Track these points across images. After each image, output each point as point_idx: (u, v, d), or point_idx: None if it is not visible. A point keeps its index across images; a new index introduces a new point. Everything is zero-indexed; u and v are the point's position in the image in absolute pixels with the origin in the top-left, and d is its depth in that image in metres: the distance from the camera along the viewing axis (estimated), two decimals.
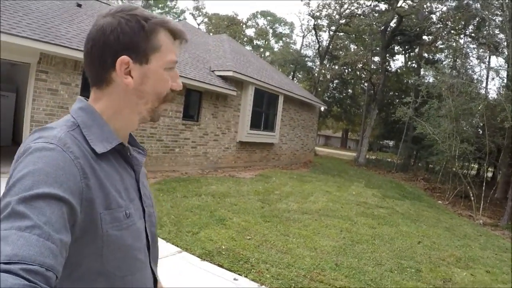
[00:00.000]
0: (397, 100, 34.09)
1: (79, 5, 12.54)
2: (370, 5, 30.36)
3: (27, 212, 0.73)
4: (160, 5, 51.23)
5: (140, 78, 1.05)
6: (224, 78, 14.75)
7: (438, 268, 6.36)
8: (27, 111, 8.67)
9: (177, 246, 5.71)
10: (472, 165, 20.47)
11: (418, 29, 26.13)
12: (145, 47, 1.04)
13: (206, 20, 55.12)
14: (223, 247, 5.89)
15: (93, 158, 0.97)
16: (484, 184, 14.91)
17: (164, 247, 5.55)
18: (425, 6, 25.56)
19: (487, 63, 22.86)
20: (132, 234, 1.04)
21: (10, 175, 0.85)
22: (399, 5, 27.09)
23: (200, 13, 54.62)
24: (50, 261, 0.70)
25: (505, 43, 17.52)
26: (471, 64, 23.79)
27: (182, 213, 7.52)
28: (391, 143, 40.86)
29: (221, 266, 5.23)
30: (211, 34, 38.08)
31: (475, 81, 19.98)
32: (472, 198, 14.05)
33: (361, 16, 30.85)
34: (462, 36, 25.89)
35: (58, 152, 0.88)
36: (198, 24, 53.42)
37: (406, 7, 27.20)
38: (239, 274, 5.04)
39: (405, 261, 6.42)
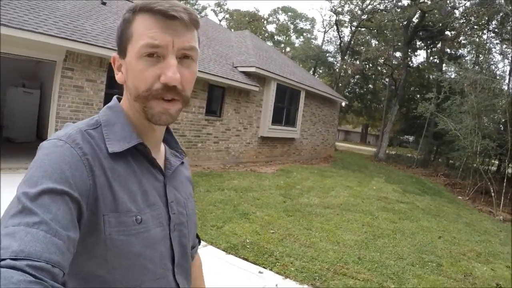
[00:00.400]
0: (418, 96, 33.88)
1: (103, 3, 12.72)
2: (393, 0, 30.19)
3: (33, 208, 0.74)
4: (181, 2, 51.40)
5: (125, 73, 1.01)
6: (246, 74, 14.88)
7: (459, 263, 6.43)
8: (53, 108, 8.86)
9: (202, 240, 5.87)
10: (493, 161, 20.27)
11: (440, 24, 25.89)
12: (123, 39, 0.99)
13: (227, 16, 55.12)
14: (248, 241, 6.03)
15: (105, 158, 0.95)
16: (505, 180, 14.86)
17: None
18: (448, 1, 25.35)
19: (510, 58, 22.62)
20: (143, 242, 0.97)
21: None
22: (421, 0, 26.86)
23: (222, 10, 54.68)
24: (56, 257, 0.70)
25: None
26: (494, 60, 23.65)
27: (206, 207, 7.68)
28: (411, 138, 40.47)
29: (246, 259, 5.36)
30: (232, 30, 38.10)
31: (498, 77, 19.78)
32: (493, 194, 14.01)
33: (383, 12, 30.54)
34: (485, 31, 25.60)
35: (66, 149, 0.88)
36: (220, 21, 53.50)
37: (429, 2, 26.85)
38: (264, 267, 5.17)
39: (426, 256, 6.51)
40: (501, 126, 18.84)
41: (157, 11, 0.93)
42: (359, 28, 36.71)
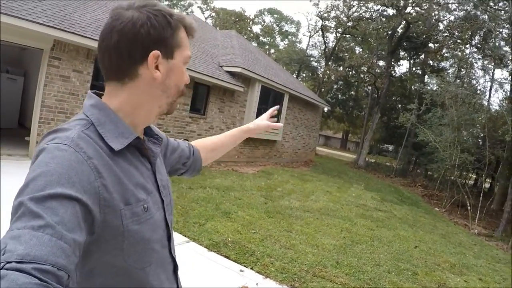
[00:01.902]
0: (400, 105, 34.27)
1: None
2: (379, 9, 30.40)
3: (40, 212, 0.74)
4: None
5: (166, 73, 1.08)
6: (232, 73, 14.89)
7: (433, 273, 6.55)
8: (38, 96, 8.76)
9: (185, 236, 5.87)
10: (471, 175, 20.60)
11: (424, 36, 26.24)
12: (171, 42, 1.07)
13: (213, 14, 55.00)
14: (229, 239, 6.07)
15: (109, 156, 0.99)
16: (481, 194, 15.09)
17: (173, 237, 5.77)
18: (433, 14, 25.68)
19: (491, 74, 23.03)
20: (151, 227, 1.06)
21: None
22: (407, 11, 27.14)
23: (208, 7, 54.52)
24: (62, 260, 0.71)
25: (510, 56, 17.71)
26: (475, 74, 23.98)
27: (189, 204, 7.69)
28: (391, 147, 40.85)
29: (228, 258, 5.40)
30: (217, 28, 38.07)
31: (479, 92, 20.12)
32: (469, 208, 14.21)
33: (369, 20, 30.77)
34: (468, 46, 26.07)
35: (71, 153, 0.89)
36: (206, 18, 53.31)
37: (414, 13, 27.24)
38: (245, 266, 5.22)
39: (402, 264, 6.62)
40: (479, 140, 19.16)
41: (192, 32, 1.15)
42: (344, 35, 36.97)
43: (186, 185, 9.18)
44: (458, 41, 25.64)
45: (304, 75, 49.54)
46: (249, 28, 55.56)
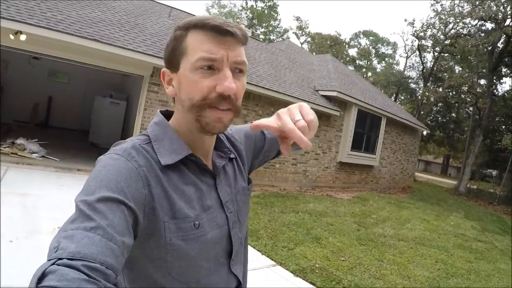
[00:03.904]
0: (504, 127, 32.43)
1: None
2: (476, 24, 29.26)
3: (91, 214, 0.78)
4: (264, 24, 52.15)
5: (177, 86, 1.07)
6: (328, 98, 14.93)
7: None
8: (138, 119, 9.46)
9: (272, 260, 5.92)
10: None
11: None
12: (175, 54, 1.05)
13: (309, 39, 55.35)
14: (317, 266, 6.03)
15: (161, 169, 1.01)
16: None
17: (259, 259, 5.81)
18: None
19: None
20: (200, 245, 1.04)
21: None
22: (506, 24, 25.74)
23: (303, 33, 54.91)
24: (111, 260, 0.74)
25: None
26: None
27: (279, 228, 7.76)
28: (494, 172, 38.77)
29: (313, 284, 5.37)
30: (314, 53, 38.27)
31: None
32: None
33: (467, 36, 29.65)
34: None
35: (122, 161, 0.94)
36: (301, 44, 53.73)
37: None
38: None
39: None
40: None
41: (211, 27, 1.00)
42: (442, 54, 35.87)
43: (279, 209, 9.28)
44: None
45: (402, 97, 48.42)
46: (345, 52, 55.46)
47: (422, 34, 35.03)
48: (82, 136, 14.16)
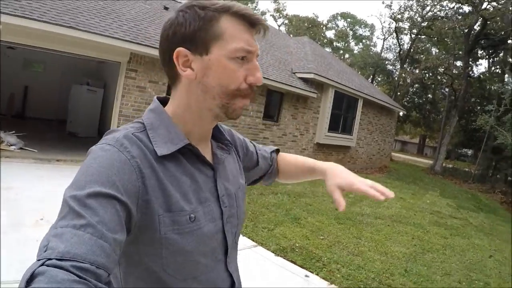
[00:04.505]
0: (479, 107, 32.81)
1: (166, 8, 13.28)
2: (454, 7, 29.46)
3: (81, 211, 0.76)
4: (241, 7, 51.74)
5: (202, 70, 1.00)
6: (305, 80, 14.98)
7: (507, 284, 6.36)
8: (116, 106, 9.37)
9: (253, 241, 6.02)
10: None
11: (503, 32, 25.11)
12: (204, 36, 0.98)
13: (286, 22, 55.19)
14: (297, 245, 6.17)
15: (156, 160, 0.97)
16: None
17: (240, 241, 5.93)
18: (511, 8, 24.53)
19: None
20: (196, 239, 1.01)
21: None
22: (483, 7, 25.97)
23: (281, 15, 54.74)
24: (101, 259, 0.72)
25: None
26: None
27: (259, 209, 7.87)
28: (469, 152, 39.36)
29: (294, 263, 5.49)
30: (291, 35, 38.18)
31: None
32: None
33: (444, 19, 29.80)
34: None
35: (114, 153, 0.89)
36: (279, 26, 53.62)
37: (491, 9, 26.00)
38: (310, 272, 5.29)
39: (474, 274, 6.47)
40: None
41: (248, 18, 1.00)
42: (419, 36, 36.13)
43: (258, 191, 9.38)
44: None
45: (379, 79, 48.66)
46: (322, 34, 55.39)
47: (399, 16, 35.25)
48: (59, 126, 13.95)
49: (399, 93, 35.67)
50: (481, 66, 70.92)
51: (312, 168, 1.51)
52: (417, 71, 35.03)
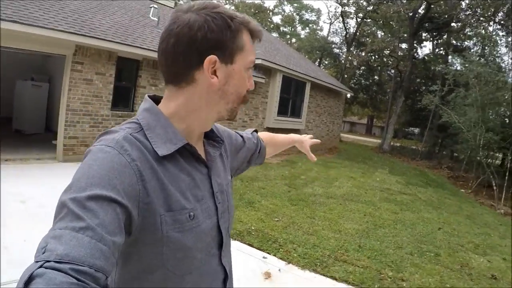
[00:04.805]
0: (424, 88, 33.56)
1: None
2: None
3: (81, 213, 0.75)
4: None
5: (225, 78, 1.04)
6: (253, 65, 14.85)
7: (456, 254, 6.62)
8: (63, 100, 9.05)
9: None
10: (497, 154, 20.30)
11: (446, 16, 25.74)
12: (232, 46, 1.03)
13: (233, 8, 54.84)
14: (253, 228, 6.26)
15: (155, 160, 0.97)
16: (507, 174, 14.96)
17: None
18: None
19: None
20: (195, 236, 1.03)
21: None
22: None
23: (228, 2, 54.42)
24: (100, 262, 0.72)
25: None
26: (500, 52, 23.55)
27: None
28: (416, 130, 40.32)
29: (251, 245, 5.61)
30: None
31: (504, 70, 19.76)
32: (495, 188, 14.17)
33: (389, 3, 30.26)
34: (491, 23, 25.49)
35: (114, 155, 0.89)
36: None
37: None
38: (268, 253, 5.41)
39: (425, 246, 6.71)
40: (506, 119, 18.84)
41: (257, 34, 1.11)
42: (365, 19, 36.63)
43: None
44: (481, 19, 25.05)
45: (326, 62, 49.20)
46: (269, 19, 55.25)
47: (345, 0, 35.57)
48: (5, 123, 13.48)
49: (346, 76, 36.19)
50: (426, 48, 72.54)
51: (289, 140, 2.03)
52: (363, 54, 35.56)
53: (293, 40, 56.56)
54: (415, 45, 31.09)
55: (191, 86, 1.04)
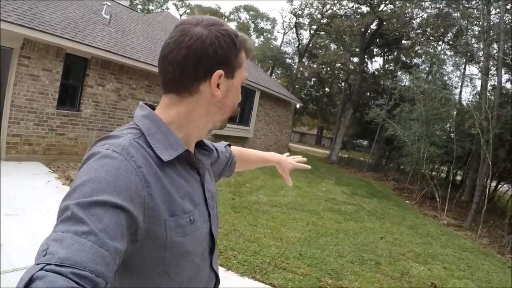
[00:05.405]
0: (373, 101, 34.42)
1: None
2: (352, 7, 30.39)
3: (84, 218, 0.75)
4: None
5: (225, 92, 1.11)
6: None
7: (397, 262, 6.71)
8: (8, 95, 8.70)
9: None
10: (442, 167, 20.98)
11: (397, 33, 26.46)
12: (234, 62, 1.09)
13: (188, 11, 54.79)
14: None
15: (158, 166, 1.00)
16: (449, 186, 15.37)
17: None
18: (406, 11, 25.88)
19: (462, 70, 23.39)
20: (195, 240, 1.07)
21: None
22: (380, 8, 27.30)
23: (183, 4, 54.33)
24: (101, 268, 0.72)
25: (481, 53, 18.02)
26: (447, 70, 24.31)
27: None
28: (365, 142, 41.16)
29: None
30: None
31: (450, 87, 20.40)
32: (438, 199, 14.58)
33: (343, 17, 30.82)
34: (440, 43, 26.58)
35: (121, 161, 0.90)
36: (181, 15, 52.83)
37: (388, 11, 27.41)
38: None
39: (366, 254, 6.76)
40: (451, 134, 19.42)
41: (251, 53, 1.18)
42: (318, 32, 37.08)
43: None
44: (431, 38, 26.10)
45: (278, 72, 49.53)
46: None
47: (300, 12, 35.92)
48: None
49: (297, 86, 36.63)
50: (376, 63, 74.26)
51: (264, 158, 2.10)
52: (315, 66, 35.95)
53: None
54: (366, 59, 31.77)
55: (194, 97, 1.08)
